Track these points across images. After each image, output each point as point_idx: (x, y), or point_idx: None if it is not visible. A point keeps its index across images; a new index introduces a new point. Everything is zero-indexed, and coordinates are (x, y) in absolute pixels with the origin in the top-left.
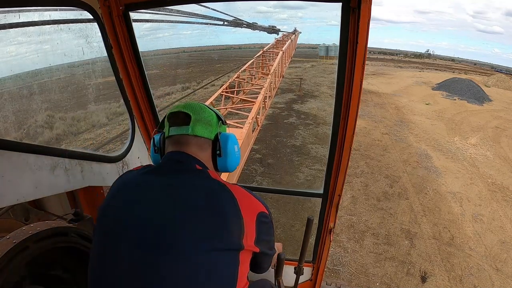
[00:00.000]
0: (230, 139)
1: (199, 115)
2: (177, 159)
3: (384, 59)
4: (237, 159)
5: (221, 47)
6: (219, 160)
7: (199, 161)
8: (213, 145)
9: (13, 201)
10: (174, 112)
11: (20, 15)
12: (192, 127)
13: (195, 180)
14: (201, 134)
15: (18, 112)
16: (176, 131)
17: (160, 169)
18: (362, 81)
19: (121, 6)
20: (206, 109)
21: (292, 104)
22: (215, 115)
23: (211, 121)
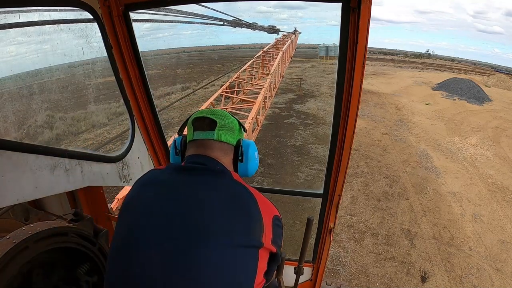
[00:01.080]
0: (251, 146)
1: (224, 121)
2: (201, 161)
3: (384, 59)
4: (256, 165)
5: (221, 47)
6: (240, 165)
7: (221, 165)
8: (235, 151)
9: (13, 201)
10: (200, 117)
11: (20, 15)
12: (218, 132)
13: (220, 180)
14: (225, 139)
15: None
16: (201, 135)
17: (186, 169)
18: (362, 81)
19: (121, 6)
20: (229, 116)
21: (292, 104)
22: (237, 123)
23: (234, 128)
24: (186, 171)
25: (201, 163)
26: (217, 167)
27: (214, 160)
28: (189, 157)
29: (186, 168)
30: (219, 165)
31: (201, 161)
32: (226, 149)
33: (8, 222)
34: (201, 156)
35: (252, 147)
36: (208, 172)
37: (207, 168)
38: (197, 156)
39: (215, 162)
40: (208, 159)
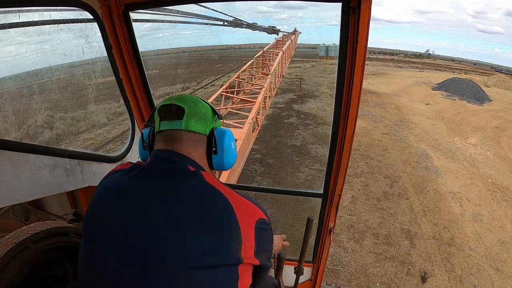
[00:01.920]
0: (226, 135)
1: (194, 108)
2: (168, 158)
3: (384, 59)
4: (233, 157)
5: (221, 47)
6: (214, 157)
7: (192, 161)
8: (208, 141)
9: (13, 201)
10: (166, 105)
11: (20, 15)
12: (186, 121)
13: (189, 185)
14: (195, 129)
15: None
16: (168, 125)
17: (150, 171)
18: (362, 81)
19: (121, 6)
20: (200, 102)
21: (292, 104)
22: (210, 109)
23: (206, 115)
24: (150, 172)
25: (168, 161)
26: (186, 165)
27: (183, 156)
28: (156, 153)
29: (150, 168)
30: (189, 161)
31: (168, 158)
32: (198, 140)
33: (8, 222)
34: (169, 152)
35: (228, 136)
36: (175, 173)
37: (174, 169)
38: (164, 151)
39: (184, 159)
40: (176, 155)
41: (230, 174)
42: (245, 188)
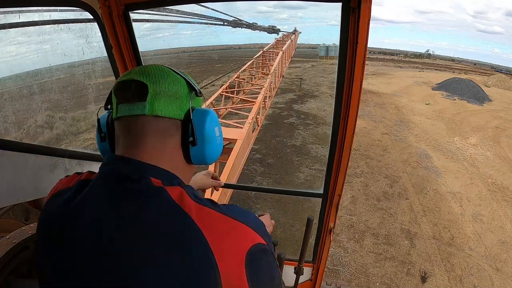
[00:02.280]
0: (208, 118)
1: (161, 83)
2: (122, 173)
3: (384, 59)
4: (218, 147)
5: (221, 47)
6: (192, 150)
7: (156, 169)
8: (183, 128)
9: (13, 201)
10: (123, 82)
11: (20, 15)
12: (151, 103)
13: (151, 210)
14: (164, 113)
15: (18, 112)
16: (127, 110)
17: (100, 193)
18: (362, 81)
19: (121, 6)
20: (170, 74)
21: (292, 104)
22: (185, 83)
23: (179, 92)
24: (100, 195)
25: (122, 177)
26: (147, 179)
27: (143, 166)
28: (106, 164)
29: (100, 188)
30: (151, 171)
31: (122, 173)
32: (168, 128)
33: (8, 222)
34: (124, 162)
35: (210, 120)
36: (133, 195)
37: (131, 189)
38: (117, 160)
39: (144, 169)
40: (134, 165)
41: (230, 174)
42: (245, 188)
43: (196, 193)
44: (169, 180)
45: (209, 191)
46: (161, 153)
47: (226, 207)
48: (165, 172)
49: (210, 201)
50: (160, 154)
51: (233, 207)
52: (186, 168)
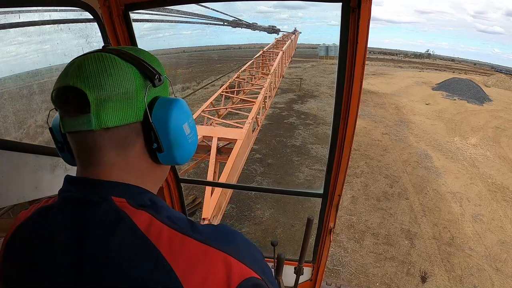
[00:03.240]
0: (173, 114)
1: (104, 86)
2: (81, 197)
3: (384, 59)
4: (190, 146)
5: (221, 47)
6: (160, 155)
7: (119, 186)
8: (145, 131)
9: (13, 201)
10: (58, 90)
11: (20, 15)
12: (97, 115)
13: (116, 242)
14: (116, 122)
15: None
16: (72, 125)
17: (61, 223)
18: (362, 81)
19: (121, 6)
20: (115, 66)
21: (292, 104)
22: (137, 72)
23: (130, 89)
24: (63, 227)
25: (81, 202)
26: (108, 201)
27: (102, 186)
28: (64, 185)
29: (61, 217)
30: (112, 190)
31: (81, 197)
32: (126, 137)
33: (8, 222)
34: (81, 184)
35: (176, 117)
36: (96, 226)
37: (92, 218)
38: (73, 183)
39: (105, 191)
40: (91, 188)
41: (230, 175)
42: (245, 188)
43: (172, 212)
44: (136, 197)
45: (209, 192)
46: (122, 166)
47: (209, 231)
48: (130, 188)
49: (189, 223)
50: (121, 167)
51: (219, 229)
52: (156, 170)
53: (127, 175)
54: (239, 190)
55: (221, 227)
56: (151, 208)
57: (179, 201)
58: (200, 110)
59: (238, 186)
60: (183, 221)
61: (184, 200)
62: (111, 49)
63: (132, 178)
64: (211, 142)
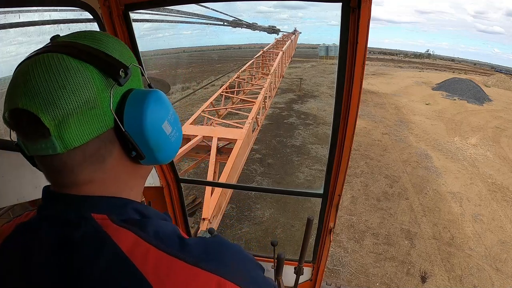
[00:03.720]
0: (147, 115)
1: (58, 104)
2: (58, 215)
3: (384, 59)
4: (173, 146)
5: (221, 47)
6: (142, 161)
7: (99, 200)
8: (119, 137)
9: (13, 201)
10: (12, 111)
11: (20, 15)
12: (60, 137)
13: (101, 269)
14: (84, 138)
15: None
16: (33, 149)
17: (39, 246)
18: (362, 81)
19: (121, 6)
20: (66, 73)
21: (292, 104)
22: (94, 72)
23: (91, 96)
24: (42, 250)
25: (60, 222)
26: (88, 219)
27: (80, 202)
28: (42, 201)
29: (38, 237)
30: (92, 206)
31: (56, 215)
32: (99, 149)
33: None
34: (56, 199)
35: (152, 118)
36: (78, 249)
37: (73, 240)
38: (50, 199)
39: (82, 207)
40: (67, 205)
41: (230, 175)
42: (245, 188)
43: (160, 226)
44: (119, 210)
45: (209, 192)
46: (102, 179)
47: (201, 249)
48: (111, 201)
49: (179, 240)
50: (100, 180)
51: (212, 246)
52: (139, 170)
53: (108, 186)
54: (239, 190)
55: (214, 242)
56: (137, 225)
57: (179, 201)
58: (200, 110)
59: (238, 186)
60: (172, 238)
61: (184, 200)
62: (61, 44)
63: (113, 188)
64: (211, 142)
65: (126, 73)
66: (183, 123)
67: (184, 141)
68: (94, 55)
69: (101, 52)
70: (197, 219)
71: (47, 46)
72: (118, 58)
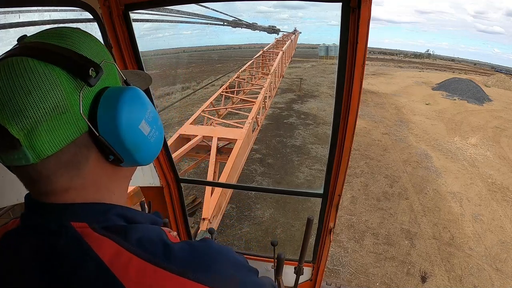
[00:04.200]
0: (122, 116)
1: (25, 112)
2: (39, 224)
3: (384, 59)
4: (155, 145)
5: (221, 47)
6: (123, 165)
7: (78, 208)
8: (95, 140)
9: (13, 201)
10: None
11: (20, 15)
12: (31, 147)
13: (84, 282)
14: (57, 146)
15: None
16: (7, 160)
17: (17, 256)
18: (362, 81)
19: (121, 6)
20: (31, 77)
21: (292, 104)
22: (61, 73)
23: (59, 103)
24: (20, 261)
25: (37, 232)
26: (68, 227)
27: (59, 210)
28: (25, 207)
29: (17, 247)
30: (70, 213)
31: (36, 223)
32: (75, 155)
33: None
34: (35, 208)
35: (127, 119)
36: (50, 259)
37: (47, 250)
38: (30, 207)
39: (61, 216)
40: (47, 214)
41: (230, 175)
42: (245, 188)
43: (144, 231)
44: (100, 217)
45: (208, 193)
46: (80, 185)
47: (187, 255)
48: (92, 207)
49: (163, 247)
50: (79, 186)
51: (199, 251)
52: (121, 172)
53: (88, 191)
54: (239, 190)
55: (201, 247)
56: (119, 232)
57: (179, 201)
58: (200, 110)
59: (238, 186)
60: (156, 245)
61: (184, 200)
62: (26, 46)
63: (94, 194)
64: (211, 142)
65: (97, 72)
66: (183, 123)
67: (184, 141)
68: (60, 55)
69: (68, 51)
70: (197, 219)
71: (12, 49)
72: (88, 55)
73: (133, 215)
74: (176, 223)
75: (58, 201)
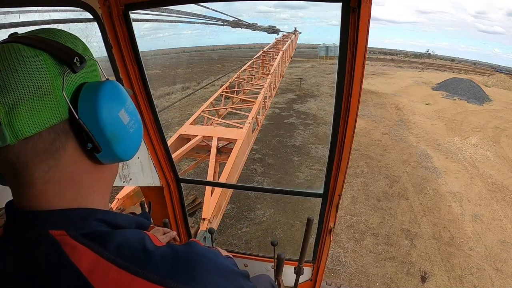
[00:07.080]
0: (102, 101)
1: (8, 87)
2: (19, 235)
3: (384, 59)
4: (134, 136)
5: (221, 47)
6: (99, 155)
7: (56, 215)
8: (74, 129)
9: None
10: None
11: (20, 15)
12: (10, 125)
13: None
14: (36, 128)
15: None
16: None
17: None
18: (362, 81)
19: (121, 6)
20: (18, 57)
21: (292, 104)
22: (48, 58)
23: (43, 84)
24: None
25: (18, 244)
26: (47, 235)
27: (38, 219)
28: (6, 216)
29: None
30: (48, 221)
31: (17, 235)
32: (52, 142)
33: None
34: (15, 217)
35: (107, 104)
36: (32, 273)
37: (29, 262)
38: (11, 217)
39: (40, 224)
40: (26, 224)
41: (230, 175)
42: (245, 188)
43: (125, 237)
44: (79, 224)
45: (208, 193)
46: (58, 181)
47: (168, 261)
48: (70, 213)
49: (144, 253)
50: (57, 182)
51: (181, 257)
52: (101, 171)
53: (65, 188)
54: (239, 190)
55: (185, 252)
56: (99, 239)
57: (179, 201)
58: (200, 110)
59: (238, 186)
60: (136, 251)
61: (184, 200)
62: (16, 37)
63: (72, 192)
64: (211, 142)
65: (81, 62)
66: (183, 123)
67: (184, 141)
68: (47, 44)
69: (56, 42)
70: (197, 219)
71: (3, 39)
72: (74, 49)
73: (116, 219)
74: (176, 223)
75: (38, 206)
